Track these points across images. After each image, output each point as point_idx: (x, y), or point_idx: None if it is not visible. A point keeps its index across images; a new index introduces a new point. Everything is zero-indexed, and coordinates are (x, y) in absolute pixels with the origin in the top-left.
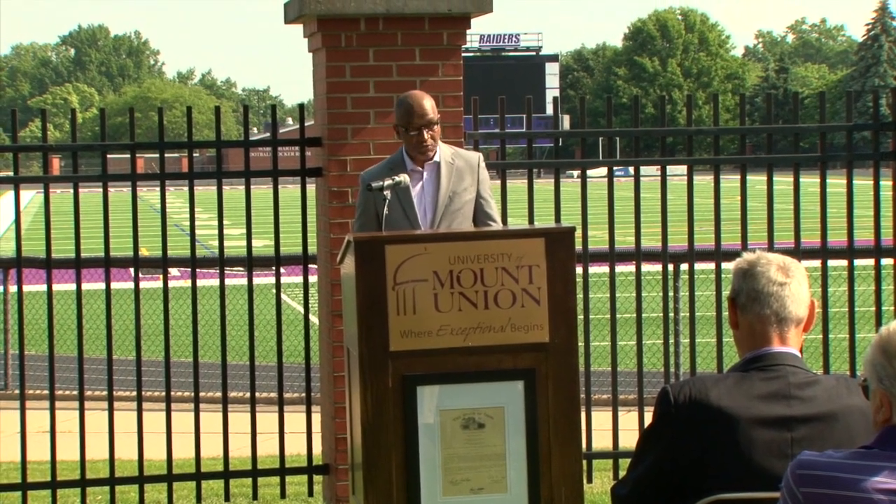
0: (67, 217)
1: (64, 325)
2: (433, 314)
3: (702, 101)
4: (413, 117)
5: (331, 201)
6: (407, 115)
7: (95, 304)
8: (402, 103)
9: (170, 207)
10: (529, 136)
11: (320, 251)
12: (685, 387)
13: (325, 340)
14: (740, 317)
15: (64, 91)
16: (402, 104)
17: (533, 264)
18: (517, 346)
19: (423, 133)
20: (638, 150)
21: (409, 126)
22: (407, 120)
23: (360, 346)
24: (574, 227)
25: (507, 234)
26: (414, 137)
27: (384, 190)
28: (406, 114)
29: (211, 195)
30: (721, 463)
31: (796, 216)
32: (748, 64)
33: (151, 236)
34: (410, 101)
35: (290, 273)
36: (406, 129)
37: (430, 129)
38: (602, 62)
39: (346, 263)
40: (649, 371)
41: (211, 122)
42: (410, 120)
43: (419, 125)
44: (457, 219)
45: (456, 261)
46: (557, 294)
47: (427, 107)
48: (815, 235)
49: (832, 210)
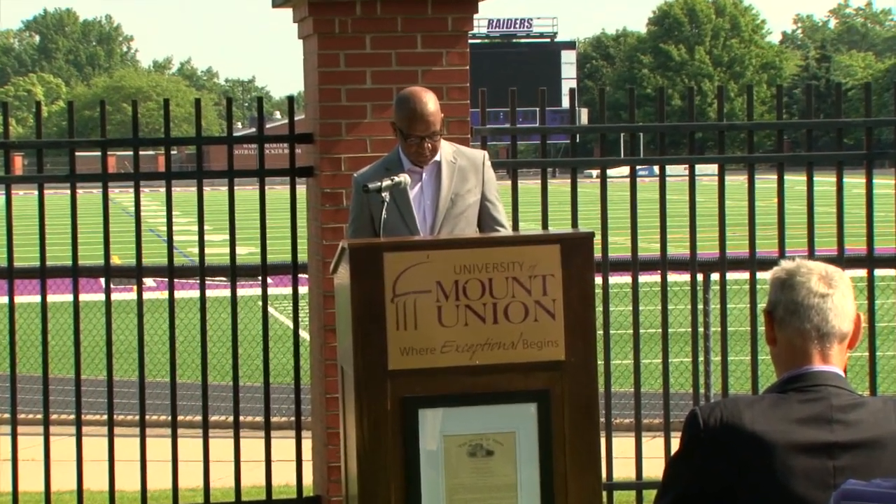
0: (31, 221)
1: (27, 341)
2: (436, 329)
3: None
4: (414, 126)
5: (323, 204)
6: (406, 123)
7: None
8: (403, 106)
9: (145, 211)
10: (543, 132)
11: (311, 259)
12: (716, 409)
13: (317, 358)
14: (778, 332)
15: (28, 82)
16: (403, 107)
17: (547, 274)
18: (530, 364)
19: (424, 143)
20: (663, 147)
21: (409, 133)
22: (407, 126)
23: (356, 364)
24: (593, 232)
25: (518, 240)
26: (413, 146)
27: (382, 191)
28: (406, 120)
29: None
30: (755, 493)
31: (839, 220)
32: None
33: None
34: (412, 107)
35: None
36: (405, 136)
37: (432, 139)
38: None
39: (340, 273)
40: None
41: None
42: (410, 128)
43: (420, 135)
44: (459, 224)
45: (461, 270)
46: (574, 307)
47: (430, 115)
48: (861, 242)
49: (879, 213)
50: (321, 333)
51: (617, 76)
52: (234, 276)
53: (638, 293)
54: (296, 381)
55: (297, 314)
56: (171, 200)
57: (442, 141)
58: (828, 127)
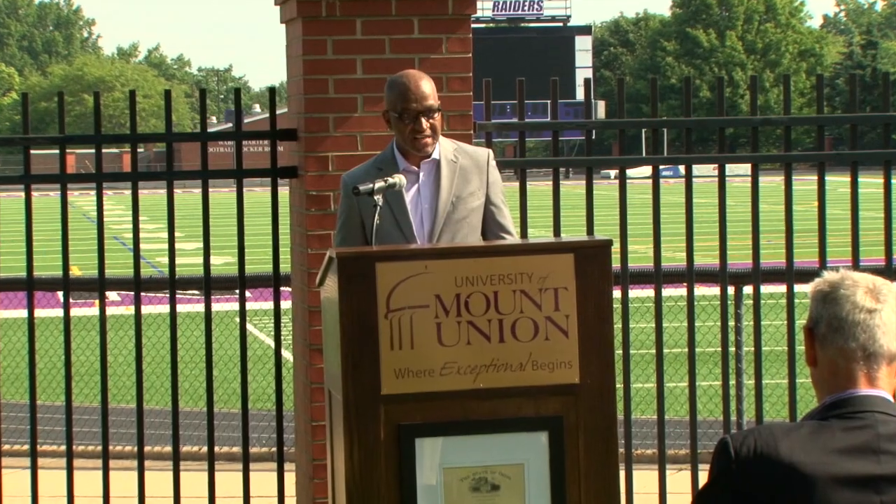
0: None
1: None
2: (435, 349)
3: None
4: (408, 100)
5: (308, 208)
6: (400, 98)
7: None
8: (395, 84)
9: (108, 215)
10: (555, 128)
11: (295, 270)
12: (749, 438)
13: (301, 381)
14: (819, 351)
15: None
16: (395, 84)
17: (559, 286)
18: (540, 388)
19: (421, 121)
20: (690, 144)
21: (403, 112)
22: (400, 104)
23: (345, 388)
24: (611, 239)
25: (527, 248)
26: (408, 126)
27: (374, 194)
28: (399, 96)
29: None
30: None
31: (887, 226)
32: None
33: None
34: (405, 80)
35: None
36: (399, 115)
37: (430, 117)
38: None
39: (328, 285)
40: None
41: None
42: (405, 104)
43: (416, 111)
44: (461, 230)
45: (464, 282)
46: (590, 323)
47: (426, 88)
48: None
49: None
50: (306, 353)
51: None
52: (208, 290)
53: (661, 308)
54: (278, 407)
55: (278, 332)
56: (138, 204)
57: (442, 138)
58: (874, 121)
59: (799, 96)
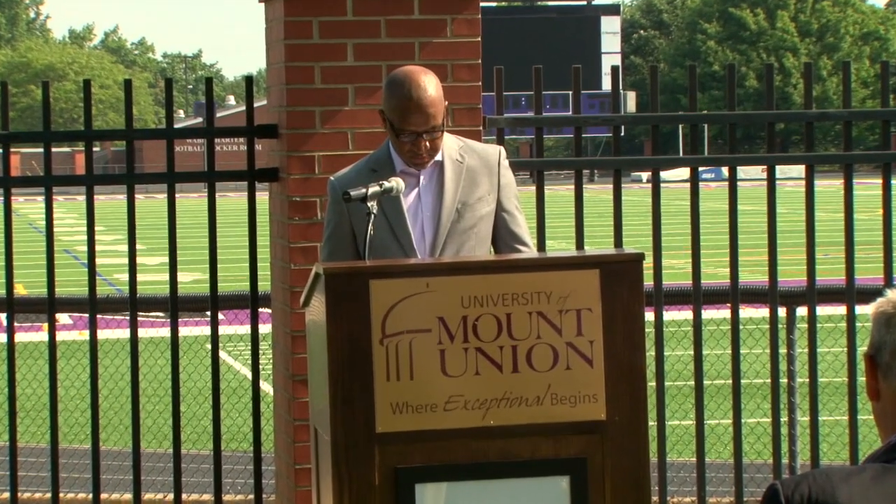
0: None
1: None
2: (439, 380)
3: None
4: (407, 119)
5: (291, 216)
6: (399, 111)
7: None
8: (394, 91)
9: (58, 225)
10: (578, 123)
11: (276, 289)
12: (802, 484)
13: (283, 418)
14: (882, 383)
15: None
16: (394, 93)
17: (583, 307)
18: (560, 425)
19: (420, 141)
20: (734, 142)
21: (401, 127)
22: (399, 117)
23: (334, 426)
24: (642, 253)
25: (545, 263)
26: (406, 144)
27: (368, 200)
28: (398, 108)
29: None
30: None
31: None
32: (894, 18)
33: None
34: (406, 93)
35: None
36: (395, 132)
37: (431, 136)
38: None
39: (314, 306)
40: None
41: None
42: (403, 122)
43: (416, 130)
44: (469, 241)
45: (472, 302)
46: (618, 351)
47: (430, 104)
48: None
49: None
50: (288, 385)
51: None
52: (174, 311)
53: (701, 333)
54: (255, 449)
55: (256, 360)
56: (94, 211)
57: (446, 134)
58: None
59: (861, 86)
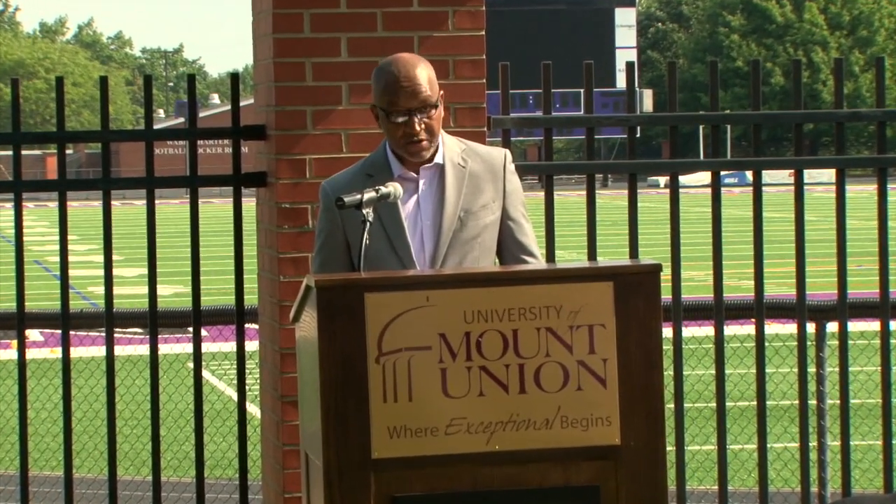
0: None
1: None
2: (440, 401)
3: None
4: (397, 94)
5: (280, 225)
6: (386, 91)
7: None
8: (381, 72)
9: (28, 234)
10: (590, 124)
11: (263, 303)
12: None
13: (271, 443)
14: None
15: None
16: (382, 74)
17: (595, 323)
18: (571, 451)
19: (414, 121)
20: (759, 143)
21: (392, 108)
22: (388, 98)
23: (326, 451)
24: (660, 264)
25: (554, 275)
26: (399, 127)
27: (363, 207)
28: (385, 89)
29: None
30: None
31: None
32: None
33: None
34: (393, 69)
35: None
36: (387, 112)
37: (425, 114)
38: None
39: (304, 322)
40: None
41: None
42: (393, 98)
43: (407, 107)
44: (472, 252)
45: (475, 318)
46: (634, 370)
47: (420, 77)
48: None
49: None
50: (277, 407)
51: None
52: (154, 327)
53: (723, 350)
54: (241, 476)
55: (242, 380)
56: (66, 219)
57: (446, 136)
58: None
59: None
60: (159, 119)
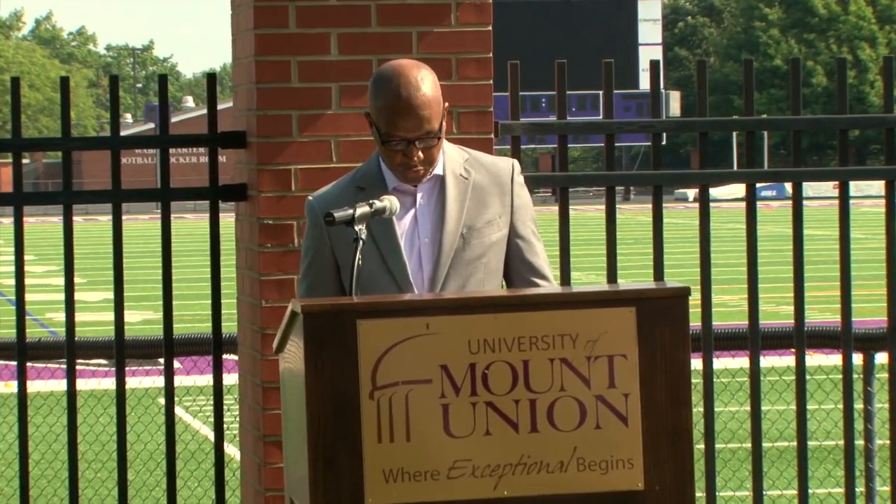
0: None
1: None
2: (441, 441)
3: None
4: (396, 120)
5: (263, 243)
6: (386, 112)
7: None
8: (381, 87)
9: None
10: (610, 130)
11: (243, 331)
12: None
13: (252, 487)
14: None
15: None
16: (381, 89)
17: (616, 353)
18: (589, 497)
19: (413, 150)
20: (798, 153)
21: (389, 134)
22: (386, 120)
23: (314, 496)
24: (688, 287)
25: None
26: (396, 154)
27: (355, 223)
28: (385, 113)
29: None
30: None
31: None
32: None
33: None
34: (394, 88)
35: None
36: (384, 139)
37: (426, 143)
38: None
39: (290, 352)
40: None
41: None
42: (392, 122)
43: (405, 137)
44: (476, 274)
45: (481, 347)
46: (659, 406)
47: (424, 102)
48: None
49: None
50: (258, 449)
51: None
52: (120, 358)
53: (760, 384)
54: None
55: (220, 418)
56: (23, 237)
57: (447, 144)
58: None
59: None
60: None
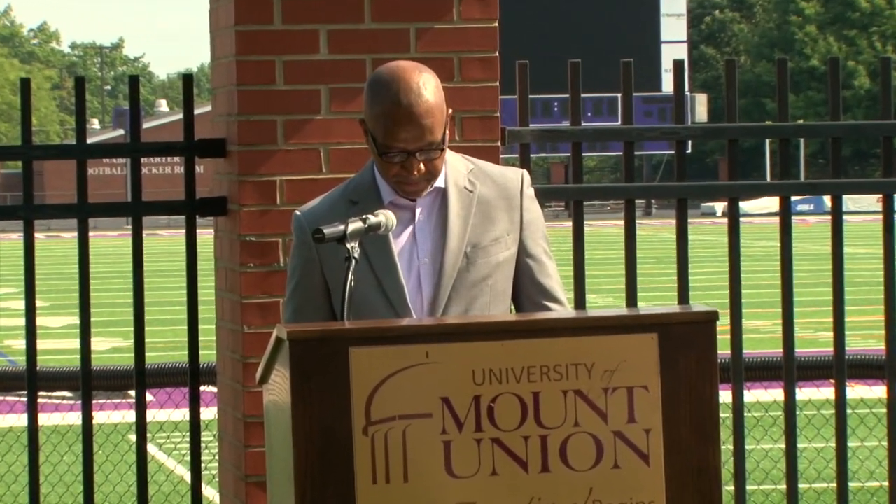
0: None
1: None
2: (443, 482)
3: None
4: (395, 131)
5: (245, 263)
6: (384, 121)
7: None
8: (378, 93)
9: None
10: (629, 137)
11: (223, 359)
12: None
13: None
14: None
15: None
16: (378, 95)
17: (636, 385)
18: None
19: (413, 163)
20: (838, 163)
21: (387, 145)
22: (383, 129)
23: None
24: (716, 311)
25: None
26: (393, 166)
27: (347, 240)
28: (383, 118)
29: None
30: None
31: None
32: None
33: None
34: (393, 95)
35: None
36: (379, 149)
37: (428, 155)
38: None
39: (275, 383)
40: None
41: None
42: (389, 136)
43: (405, 148)
44: (481, 296)
45: (486, 378)
46: (684, 443)
47: (427, 111)
48: None
49: None
50: (240, 490)
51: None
52: (87, 390)
53: (795, 420)
54: None
55: (197, 456)
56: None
57: (450, 153)
58: None
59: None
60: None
